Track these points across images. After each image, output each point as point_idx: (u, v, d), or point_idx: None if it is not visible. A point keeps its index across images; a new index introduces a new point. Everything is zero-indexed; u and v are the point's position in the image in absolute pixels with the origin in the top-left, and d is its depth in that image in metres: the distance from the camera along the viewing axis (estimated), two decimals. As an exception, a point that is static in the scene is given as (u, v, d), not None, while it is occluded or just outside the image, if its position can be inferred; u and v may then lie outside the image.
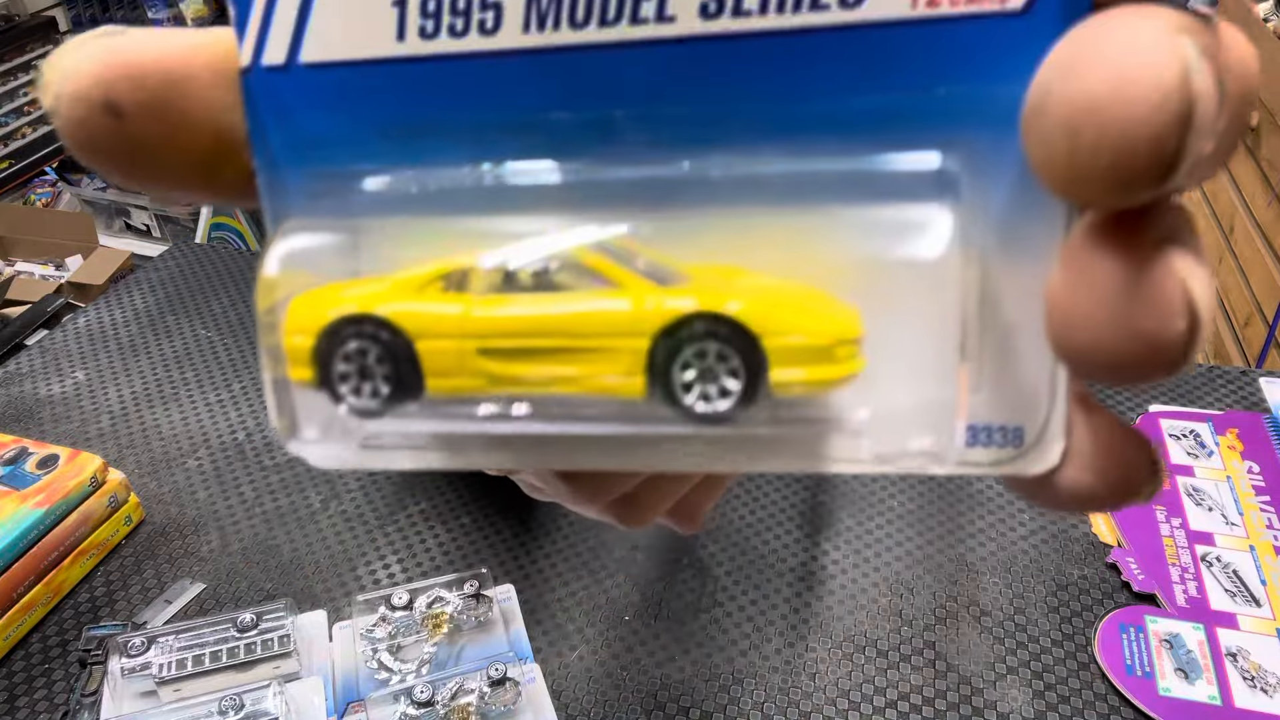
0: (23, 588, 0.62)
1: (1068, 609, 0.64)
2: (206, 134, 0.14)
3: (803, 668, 0.60)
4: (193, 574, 0.67)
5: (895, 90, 0.13)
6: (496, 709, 0.54)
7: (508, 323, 0.14)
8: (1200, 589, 0.64)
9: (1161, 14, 0.10)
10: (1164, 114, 0.10)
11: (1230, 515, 0.69)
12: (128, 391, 0.84)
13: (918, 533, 0.70)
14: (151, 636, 0.57)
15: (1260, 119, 1.44)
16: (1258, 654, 0.60)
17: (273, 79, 0.14)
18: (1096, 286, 0.11)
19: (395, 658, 0.58)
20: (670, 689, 0.59)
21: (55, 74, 0.13)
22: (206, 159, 0.14)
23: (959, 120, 0.13)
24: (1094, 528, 0.70)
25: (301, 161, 0.14)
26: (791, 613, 0.64)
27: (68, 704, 0.58)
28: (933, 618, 0.63)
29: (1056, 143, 0.10)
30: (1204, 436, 0.77)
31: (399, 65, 0.13)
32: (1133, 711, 0.57)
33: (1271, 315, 1.37)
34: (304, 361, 0.15)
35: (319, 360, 0.15)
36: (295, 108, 0.14)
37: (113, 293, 0.98)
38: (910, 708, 0.58)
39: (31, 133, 2.41)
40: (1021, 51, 0.12)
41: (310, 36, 0.13)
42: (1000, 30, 0.12)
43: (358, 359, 0.14)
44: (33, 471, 0.66)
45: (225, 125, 0.14)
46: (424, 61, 0.13)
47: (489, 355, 0.14)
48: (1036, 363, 0.13)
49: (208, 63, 0.14)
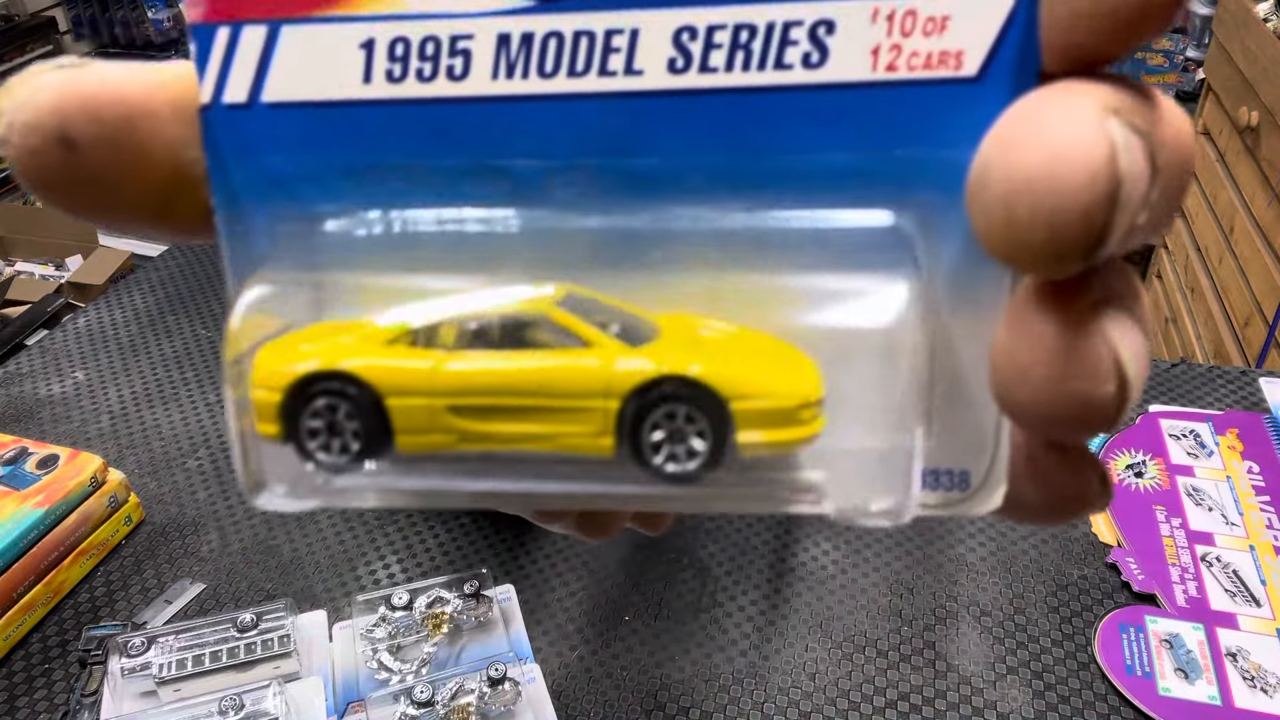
0: (23, 588, 0.62)
1: (1068, 609, 0.64)
2: (163, 169, 0.14)
3: (803, 668, 0.60)
4: (193, 574, 0.67)
5: (855, 149, 0.13)
6: (496, 709, 0.54)
7: (478, 380, 0.14)
8: (1200, 589, 0.64)
9: (1095, 93, 0.11)
10: (1092, 193, 0.10)
11: (1230, 515, 0.69)
12: (128, 391, 0.84)
13: (918, 532, 0.70)
14: (151, 636, 0.57)
15: (1260, 119, 1.44)
16: (1258, 654, 0.60)
17: (234, 116, 0.14)
18: (1034, 347, 0.12)
19: (395, 658, 0.58)
20: (670, 689, 0.59)
21: (10, 102, 0.13)
22: (162, 194, 0.14)
23: (914, 180, 0.13)
24: (1094, 528, 0.70)
25: (263, 199, 0.14)
26: (791, 613, 0.64)
27: (68, 704, 0.58)
28: (933, 617, 0.63)
29: (995, 215, 0.11)
30: (1204, 436, 0.77)
31: (364, 108, 0.13)
32: (1133, 711, 0.57)
33: (1271, 315, 1.37)
34: (271, 417, 0.14)
35: (287, 416, 0.14)
36: (257, 146, 0.14)
37: (113, 293, 0.98)
38: (910, 708, 0.58)
39: (31, 133, 2.41)
40: (975, 117, 0.12)
41: (273, 76, 0.13)
42: (955, 96, 0.12)
43: (327, 415, 0.14)
44: (33, 471, 0.66)
45: (183, 161, 0.14)
46: (390, 105, 0.13)
47: (459, 413, 0.14)
48: (984, 411, 0.14)
49: (169, 99, 0.14)
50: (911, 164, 0.13)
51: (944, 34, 0.12)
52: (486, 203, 0.14)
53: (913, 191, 0.13)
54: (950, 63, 0.12)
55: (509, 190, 0.14)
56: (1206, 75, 1.69)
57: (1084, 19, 0.12)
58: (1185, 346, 1.68)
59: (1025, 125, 0.11)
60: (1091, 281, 0.12)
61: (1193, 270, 1.69)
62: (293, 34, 0.13)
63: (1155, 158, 0.11)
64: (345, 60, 0.13)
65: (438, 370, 0.14)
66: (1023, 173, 0.11)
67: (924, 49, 0.12)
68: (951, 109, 0.12)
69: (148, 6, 2.51)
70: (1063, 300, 0.12)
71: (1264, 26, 1.45)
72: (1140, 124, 0.11)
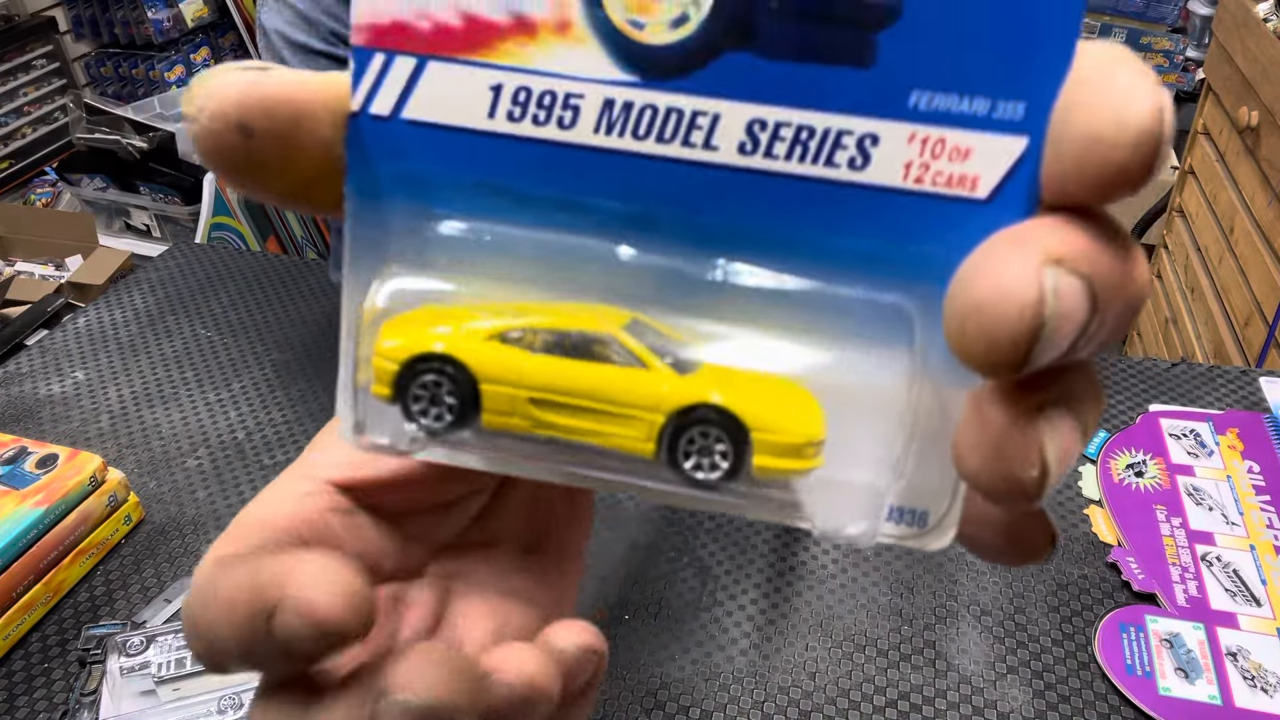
0: (22, 587, 0.62)
1: (1068, 609, 0.64)
2: (314, 161, 0.17)
3: (803, 667, 0.60)
4: (192, 573, 0.67)
5: (879, 240, 0.16)
6: (496, 708, 0.54)
7: (555, 381, 0.17)
8: (1200, 588, 0.64)
9: (1048, 240, 0.14)
10: (1019, 325, 0.13)
11: (1230, 515, 0.69)
12: (127, 391, 0.84)
13: (918, 532, 0.70)
14: (151, 635, 0.57)
15: (1260, 119, 1.44)
16: (1258, 653, 0.60)
17: (376, 125, 0.17)
18: (983, 430, 0.15)
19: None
20: (670, 688, 0.59)
21: (202, 90, 0.16)
22: (310, 180, 0.17)
23: (923, 272, 0.16)
24: (1094, 527, 0.70)
25: (389, 195, 0.17)
26: (792, 612, 0.64)
27: (67, 703, 0.58)
28: (933, 617, 0.63)
29: (953, 326, 0.14)
30: (1204, 436, 0.77)
31: (484, 137, 0.16)
32: (1133, 711, 0.57)
33: (1271, 315, 1.37)
34: (386, 382, 0.18)
35: (399, 384, 0.18)
36: (391, 151, 0.17)
37: (113, 293, 0.98)
38: (910, 707, 0.58)
39: (31, 133, 2.41)
40: (979, 230, 0.15)
41: (414, 98, 0.16)
42: (966, 211, 0.16)
43: (432, 389, 0.18)
44: (32, 471, 0.66)
45: (331, 156, 0.17)
46: (505, 138, 0.16)
47: (537, 404, 0.17)
48: (947, 468, 0.16)
49: (325, 103, 0.17)
50: (923, 259, 0.16)
51: (966, 161, 0.15)
52: (575, 232, 0.17)
53: (920, 281, 0.16)
54: (967, 185, 0.15)
55: (595, 225, 0.17)
56: (1206, 75, 1.69)
57: (1073, 176, 0.14)
58: (1185, 346, 1.68)
59: (987, 260, 0.14)
60: (1045, 383, 0.15)
61: (1193, 270, 1.69)
62: (437, 68, 0.16)
63: (1098, 296, 0.14)
64: (475, 97, 0.16)
65: (524, 368, 0.17)
66: (974, 299, 0.14)
67: (947, 170, 0.15)
68: (961, 221, 0.16)
69: (148, 6, 2.51)
70: (1012, 397, 0.15)
71: (1264, 26, 1.45)
72: (1085, 269, 0.14)
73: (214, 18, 2.70)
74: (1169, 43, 2.25)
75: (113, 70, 2.63)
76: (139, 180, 1.86)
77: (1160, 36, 2.24)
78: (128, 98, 2.47)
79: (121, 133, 1.85)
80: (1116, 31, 2.24)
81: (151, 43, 2.59)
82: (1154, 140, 0.13)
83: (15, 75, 2.38)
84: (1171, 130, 0.14)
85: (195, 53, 2.69)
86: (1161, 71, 2.29)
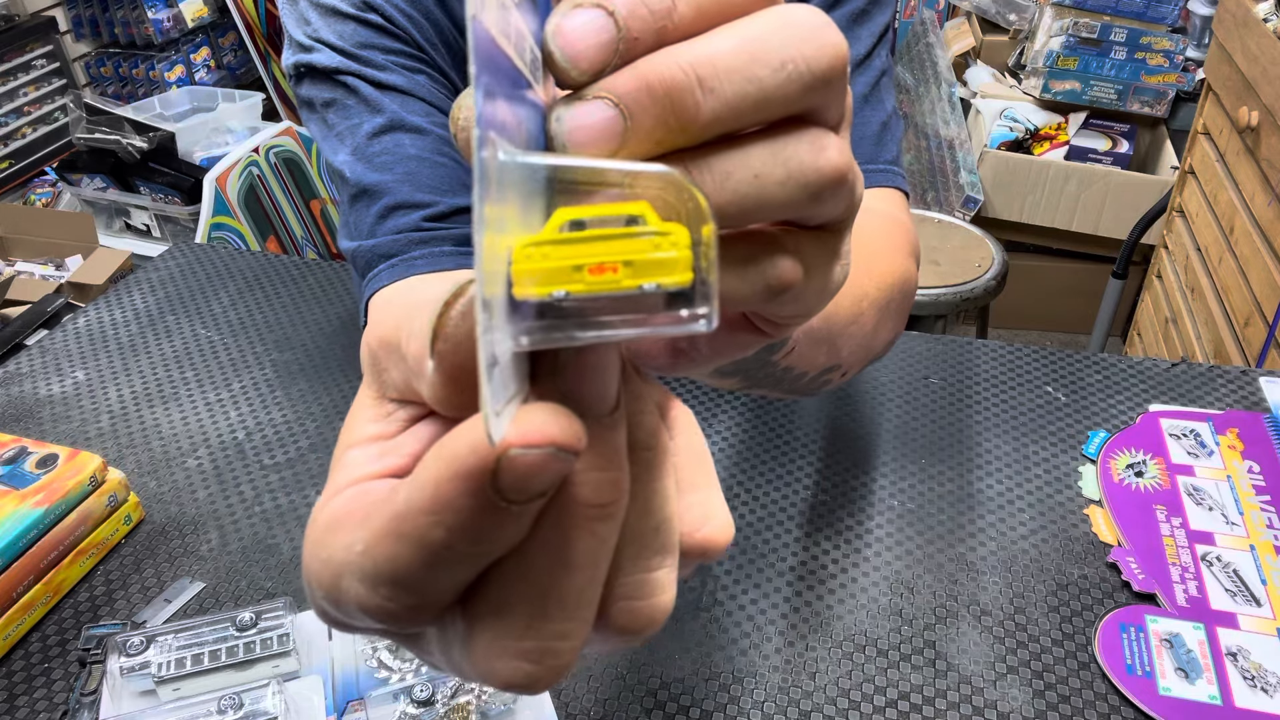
0: (22, 587, 0.62)
1: (1068, 609, 0.64)
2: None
3: (803, 667, 0.60)
4: (192, 573, 0.67)
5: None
6: (496, 707, 0.54)
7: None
8: (1200, 588, 0.64)
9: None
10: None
11: (1230, 515, 0.69)
12: (128, 391, 0.84)
13: (918, 532, 0.70)
14: (151, 635, 0.57)
15: (1260, 119, 1.44)
16: (1258, 654, 0.60)
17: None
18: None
19: (395, 656, 0.58)
20: (670, 688, 0.59)
21: (464, 109, 0.18)
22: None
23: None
24: (1094, 527, 0.70)
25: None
26: (791, 612, 0.64)
27: (67, 703, 0.58)
28: (933, 617, 0.63)
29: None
30: (1204, 436, 0.76)
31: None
32: (1133, 711, 0.57)
33: (1271, 315, 1.37)
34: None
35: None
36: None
37: (113, 293, 0.98)
38: (910, 707, 0.58)
39: (31, 133, 2.41)
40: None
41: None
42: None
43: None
44: (32, 471, 0.66)
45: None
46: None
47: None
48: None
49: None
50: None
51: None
52: None
53: None
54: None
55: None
56: (1206, 75, 1.69)
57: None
58: (1185, 346, 1.68)
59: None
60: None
61: (1193, 270, 1.69)
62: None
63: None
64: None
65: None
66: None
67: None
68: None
69: (148, 6, 2.51)
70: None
71: (1264, 26, 1.45)
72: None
73: (214, 18, 2.70)
74: (1169, 43, 2.24)
75: (113, 70, 2.62)
76: (139, 180, 1.86)
77: (1160, 36, 2.24)
78: (128, 98, 2.47)
79: (121, 133, 1.85)
80: (1116, 31, 2.24)
81: (151, 43, 2.58)
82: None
83: (15, 75, 2.38)
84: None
85: (195, 53, 2.69)
86: (1161, 71, 2.28)
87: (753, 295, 0.20)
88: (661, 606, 0.20)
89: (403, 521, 0.17)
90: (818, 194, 0.19)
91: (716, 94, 0.18)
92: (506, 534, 0.17)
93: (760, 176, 0.19)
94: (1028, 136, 2.34)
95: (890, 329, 0.52)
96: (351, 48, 0.56)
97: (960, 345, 0.89)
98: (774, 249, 0.20)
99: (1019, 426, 0.79)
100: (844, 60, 0.19)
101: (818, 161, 0.19)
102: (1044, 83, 2.33)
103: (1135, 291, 2.08)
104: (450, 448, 0.16)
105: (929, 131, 2.42)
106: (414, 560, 0.17)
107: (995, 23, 2.57)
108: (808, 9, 0.19)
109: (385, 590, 0.17)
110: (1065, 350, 0.88)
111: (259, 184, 1.79)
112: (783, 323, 0.24)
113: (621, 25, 0.18)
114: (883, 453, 0.77)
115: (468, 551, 0.17)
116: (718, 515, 0.21)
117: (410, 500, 0.17)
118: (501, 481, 0.16)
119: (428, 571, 0.17)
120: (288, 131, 1.87)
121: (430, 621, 0.19)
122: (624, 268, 0.16)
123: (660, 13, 0.18)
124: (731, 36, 0.18)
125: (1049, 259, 2.37)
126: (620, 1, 0.18)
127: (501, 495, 0.16)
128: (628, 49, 0.18)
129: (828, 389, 0.50)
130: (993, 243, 1.77)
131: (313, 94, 0.59)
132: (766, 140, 0.19)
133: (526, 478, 0.16)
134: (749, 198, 0.19)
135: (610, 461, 0.18)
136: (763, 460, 0.76)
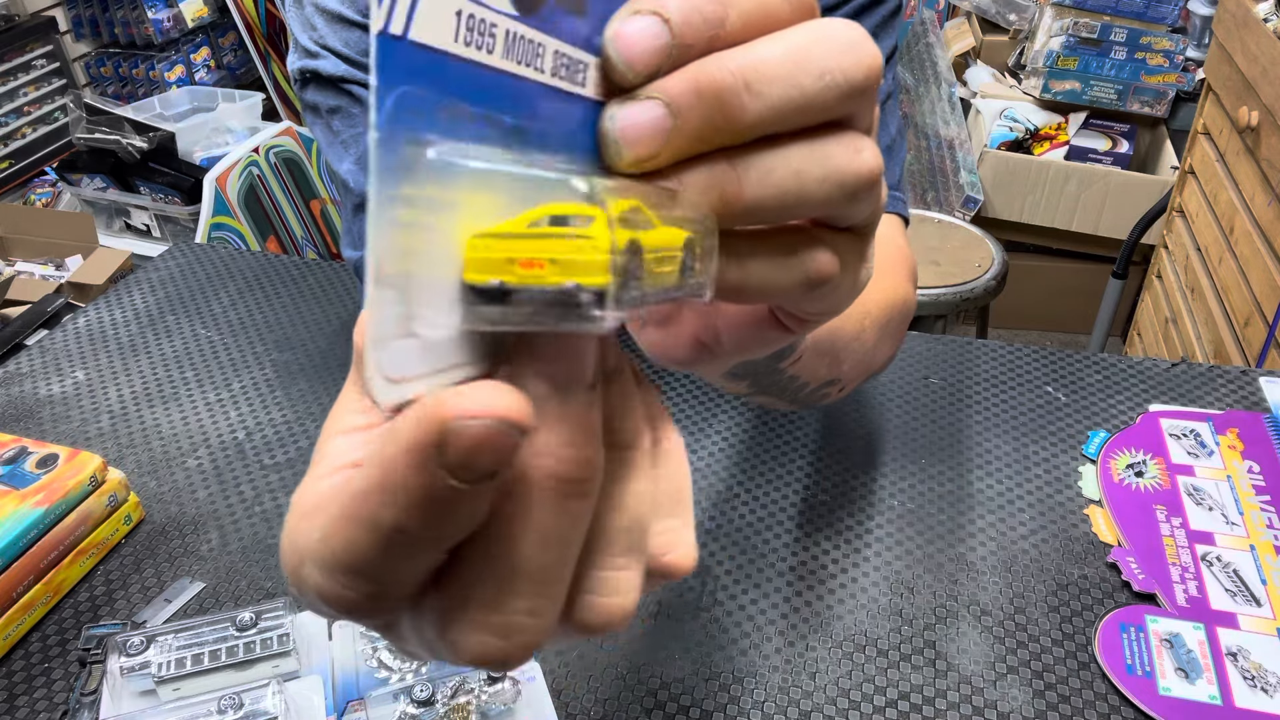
0: (22, 587, 0.62)
1: (1068, 609, 0.64)
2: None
3: (803, 667, 0.60)
4: (192, 573, 0.67)
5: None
6: (496, 708, 0.54)
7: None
8: (1200, 588, 0.64)
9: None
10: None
11: (1230, 515, 0.69)
12: (128, 391, 0.84)
13: (918, 532, 0.70)
14: (151, 635, 0.57)
15: (1260, 119, 1.43)
16: (1258, 654, 0.60)
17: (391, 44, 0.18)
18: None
19: (395, 656, 0.58)
20: (670, 688, 0.59)
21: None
22: None
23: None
24: (1094, 527, 0.70)
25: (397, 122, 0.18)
26: (792, 612, 0.64)
27: (67, 703, 0.58)
28: (933, 617, 0.63)
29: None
30: (1204, 436, 0.76)
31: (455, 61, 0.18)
32: (1133, 711, 0.57)
33: (1271, 315, 1.37)
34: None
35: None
36: (402, 74, 0.17)
37: (113, 293, 0.98)
38: (910, 707, 0.58)
39: (31, 133, 2.41)
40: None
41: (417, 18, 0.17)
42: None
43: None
44: (32, 471, 0.66)
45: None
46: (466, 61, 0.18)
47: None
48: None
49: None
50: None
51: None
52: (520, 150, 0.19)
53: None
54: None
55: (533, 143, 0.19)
56: (1206, 75, 1.69)
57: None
58: (1185, 346, 1.68)
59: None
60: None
61: (1193, 270, 1.69)
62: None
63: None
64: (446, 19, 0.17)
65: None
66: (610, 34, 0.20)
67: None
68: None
69: (148, 6, 2.51)
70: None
71: (1264, 26, 1.45)
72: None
73: (214, 18, 2.70)
74: (1169, 43, 2.25)
75: (113, 70, 2.62)
76: (139, 180, 1.86)
77: (1160, 36, 2.24)
78: (128, 98, 2.47)
79: (121, 133, 1.85)
80: (1116, 31, 2.24)
81: (151, 43, 2.58)
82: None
83: (15, 75, 2.38)
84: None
85: (195, 53, 2.69)
86: (1161, 71, 2.28)
87: (792, 286, 0.22)
88: (623, 608, 0.20)
89: (356, 504, 0.17)
90: (854, 193, 0.20)
91: (763, 98, 0.19)
92: (460, 517, 0.17)
93: (800, 174, 0.20)
94: (1028, 136, 2.34)
95: (889, 348, 0.54)
96: (357, 55, 0.57)
97: (960, 345, 0.89)
98: (814, 243, 0.22)
99: (1019, 426, 0.79)
100: (877, 72, 0.20)
101: (854, 163, 0.20)
102: (1044, 83, 2.33)
103: (1135, 291, 2.08)
104: (397, 425, 0.16)
105: (929, 131, 2.42)
106: (369, 545, 0.17)
107: (995, 23, 2.57)
108: (844, 23, 0.20)
109: (342, 578, 0.17)
110: (1065, 350, 0.88)
111: (259, 184, 1.79)
112: (809, 318, 0.25)
113: (676, 32, 0.19)
114: (883, 452, 0.77)
115: (421, 535, 0.17)
116: (685, 543, 0.22)
117: (363, 480, 0.17)
118: (448, 457, 0.16)
119: (384, 557, 0.17)
120: (288, 131, 1.87)
121: (391, 613, 0.19)
122: (549, 264, 0.17)
123: (713, 21, 0.19)
124: (778, 45, 0.19)
125: (1049, 259, 2.37)
126: (675, 9, 0.19)
127: (450, 472, 0.16)
128: (680, 54, 0.19)
129: (825, 403, 0.52)
130: (993, 243, 1.77)
131: (318, 100, 0.59)
132: (806, 141, 0.20)
133: (472, 452, 0.16)
134: (790, 193, 0.20)
135: (584, 439, 0.18)
136: (762, 460, 0.76)
